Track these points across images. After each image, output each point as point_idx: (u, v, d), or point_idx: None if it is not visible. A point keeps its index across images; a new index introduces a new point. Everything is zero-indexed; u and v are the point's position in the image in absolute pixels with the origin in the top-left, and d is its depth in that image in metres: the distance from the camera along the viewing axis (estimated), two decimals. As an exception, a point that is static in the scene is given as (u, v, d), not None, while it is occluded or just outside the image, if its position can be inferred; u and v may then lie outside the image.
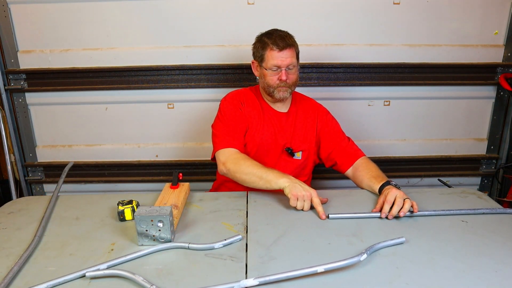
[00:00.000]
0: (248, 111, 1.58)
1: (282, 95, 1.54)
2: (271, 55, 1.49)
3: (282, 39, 1.48)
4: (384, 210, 1.21)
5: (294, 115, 1.63)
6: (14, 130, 2.14)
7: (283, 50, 1.47)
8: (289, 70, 1.50)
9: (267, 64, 1.51)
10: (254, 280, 0.89)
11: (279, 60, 1.48)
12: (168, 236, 1.06)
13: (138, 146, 2.22)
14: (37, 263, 1.00)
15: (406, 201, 1.21)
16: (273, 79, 1.51)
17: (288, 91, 1.54)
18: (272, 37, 1.50)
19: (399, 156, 2.24)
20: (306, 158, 1.63)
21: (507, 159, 2.24)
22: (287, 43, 1.48)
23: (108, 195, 1.40)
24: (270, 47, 1.49)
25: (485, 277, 0.92)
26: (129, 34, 2.02)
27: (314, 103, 1.70)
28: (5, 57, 2.04)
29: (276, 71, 1.50)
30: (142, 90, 2.10)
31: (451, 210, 1.24)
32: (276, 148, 1.60)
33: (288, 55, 1.48)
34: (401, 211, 1.19)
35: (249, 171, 1.38)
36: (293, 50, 1.50)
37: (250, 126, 1.58)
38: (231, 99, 1.60)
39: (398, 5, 1.99)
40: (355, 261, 0.95)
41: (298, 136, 1.61)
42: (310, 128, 1.63)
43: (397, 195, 1.23)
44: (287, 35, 1.52)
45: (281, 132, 1.60)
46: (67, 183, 2.24)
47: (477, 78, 2.12)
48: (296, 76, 1.54)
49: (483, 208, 1.25)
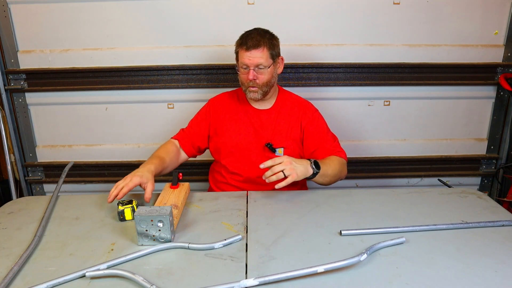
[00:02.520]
0: (223, 114, 1.64)
1: (253, 96, 1.55)
2: (241, 54, 1.52)
3: (252, 39, 1.49)
4: (266, 175, 1.28)
5: (277, 112, 1.63)
6: (14, 130, 2.14)
7: (250, 50, 1.48)
8: (258, 70, 1.50)
9: (239, 63, 1.55)
10: (254, 280, 0.89)
11: (246, 59, 1.50)
12: (168, 236, 1.06)
13: (138, 146, 2.22)
14: (37, 263, 1.00)
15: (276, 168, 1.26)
16: (244, 77, 1.54)
17: (259, 92, 1.54)
18: (244, 36, 1.53)
19: (399, 156, 2.24)
20: (289, 155, 1.60)
21: (507, 159, 2.24)
22: (256, 44, 1.48)
23: (108, 195, 1.40)
24: (240, 46, 1.52)
25: (485, 277, 0.93)
26: (129, 34, 2.02)
27: (301, 100, 1.69)
28: (5, 57, 2.04)
29: (246, 69, 1.52)
30: (142, 90, 2.10)
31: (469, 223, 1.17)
32: (258, 146, 1.62)
33: (256, 55, 1.48)
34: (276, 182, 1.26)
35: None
36: (263, 51, 1.49)
37: (222, 128, 1.63)
38: (211, 101, 1.71)
39: (398, 5, 1.99)
40: (355, 261, 0.95)
41: (280, 133, 1.61)
42: (294, 125, 1.62)
43: (283, 163, 1.27)
44: (261, 35, 1.51)
45: (263, 129, 1.61)
46: (67, 183, 2.24)
47: (477, 78, 2.12)
48: (268, 77, 1.52)
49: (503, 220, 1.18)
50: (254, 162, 1.53)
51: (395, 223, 1.18)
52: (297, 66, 2.05)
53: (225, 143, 1.62)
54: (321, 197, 1.37)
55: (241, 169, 1.62)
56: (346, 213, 1.26)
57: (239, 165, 1.62)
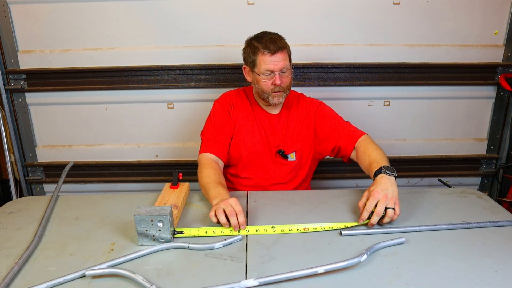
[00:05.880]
0: (237, 113, 1.57)
1: (277, 101, 1.50)
2: (263, 59, 1.44)
3: (273, 43, 1.43)
4: (363, 217, 1.15)
5: (286, 116, 1.59)
6: (14, 130, 2.14)
7: (275, 54, 1.42)
8: (282, 73, 1.45)
9: (260, 69, 1.46)
10: (254, 281, 0.89)
11: (271, 64, 1.43)
12: (168, 236, 1.06)
13: (138, 146, 2.22)
14: (37, 263, 1.00)
15: (388, 211, 1.13)
16: (267, 84, 1.46)
17: (283, 96, 1.50)
18: (263, 41, 1.44)
19: (399, 156, 2.24)
20: (300, 157, 1.60)
21: (507, 159, 2.24)
22: (279, 46, 1.43)
23: (108, 195, 1.41)
24: (261, 52, 1.43)
25: (485, 277, 0.93)
26: (129, 34, 2.02)
27: (306, 99, 1.65)
28: (5, 57, 2.04)
29: (269, 75, 1.45)
30: (142, 90, 2.10)
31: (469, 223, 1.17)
32: (269, 151, 1.58)
33: (280, 59, 1.43)
34: (382, 220, 1.14)
35: (202, 183, 1.37)
36: (285, 53, 1.45)
37: (238, 128, 1.56)
38: (222, 101, 1.60)
39: (398, 5, 1.99)
40: (356, 262, 0.95)
41: (290, 137, 1.58)
42: (305, 126, 1.59)
43: (379, 200, 1.13)
44: (277, 38, 1.47)
45: (273, 135, 1.58)
46: (67, 183, 2.24)
47: (477, 78, 2.12)
48: (290, 79, 1.49)
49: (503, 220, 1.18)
50: (266, 167, 1.51)
51: (395, 223, 1.18)
52: (297, 66, 2.05)
53: (238, 146, 1.57)
54: (321, 197, 1.37)
55: (252, 173, 1.59)
56: (346, 213, 1.26)
57: (251, 170, 1.59)
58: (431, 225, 1.15)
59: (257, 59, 1.46)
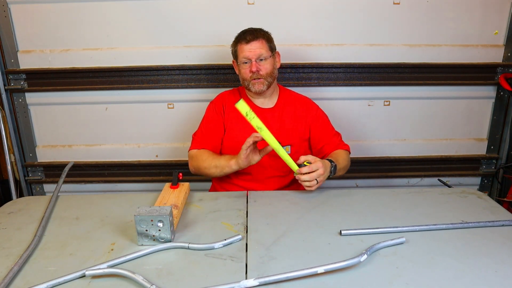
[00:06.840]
0: (230, 112, 1.63)
1: (258, 88, 1.57)
2: (240, 48, 1.56)
3: (250, 33, 1.56)
4: (301, 170, 1.31)
5: (281, 110, 1.64)
6: (14, 130, 2.14)
7: (250, 42, 1.54)
8: (260, 61, 1.54)
9: (239, 58, 1.58)
10: (254, 281, 0.89)
11: (247, 52, 1.54)
12: (168, 236, 1.06)
13: (138, 146, 2.22)
14: (37, 263, 1.00)
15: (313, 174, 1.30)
16: (246, 72, 1.57)
17: (265, 83, 1.57)
18: (241, 33, 1.59)
19: (399, 156, 2.24)
20: (295, 152, 1.63)
21: (507, 159, 2.24)
22: (255, 35, 1.55)
23: (108, 195, 1.41)
24: (239, 42, 1.57)
25: (485, 277, 0.92)
26: (129, 34, 2.02)
27: (303, 98, 1.72)
28: (5, 57, 2.04)
29: (248, 63, 1.55)
30: (142, 90, 2.10)
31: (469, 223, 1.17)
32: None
33: (256, 47, 1.54)
34: (308, 187, 1.32)
35: (207, 165, 1.49)
36: (261, 41, 1.55)
37: (231, 127, 1.62)
38: (215, 102, 1.69)
39: (398, 5, 1.99)
40: (356, 261, 0.95)
41: (285, 131, 1.62)
42: (300, 123, 1.64)
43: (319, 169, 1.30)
44: (256, 29, 1.59)
45: (267, 128, 1.60)
46: (67, 183, 2.24)
47: (477, 78, 2.12)
48: (270, 67, 1.57)
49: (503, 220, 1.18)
50: (261, 161, 1.52)
51: (395, 223, 1.17)
52: (297, 66, 2.05)
53: (232, 142, 1.62)
54: (321, 197, 1.37)
55: (249, 168, 1.60)
56: (346, 213, 1.26)
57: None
58: (431, 225, 1.15)
59: (237, 50, 1.59)
